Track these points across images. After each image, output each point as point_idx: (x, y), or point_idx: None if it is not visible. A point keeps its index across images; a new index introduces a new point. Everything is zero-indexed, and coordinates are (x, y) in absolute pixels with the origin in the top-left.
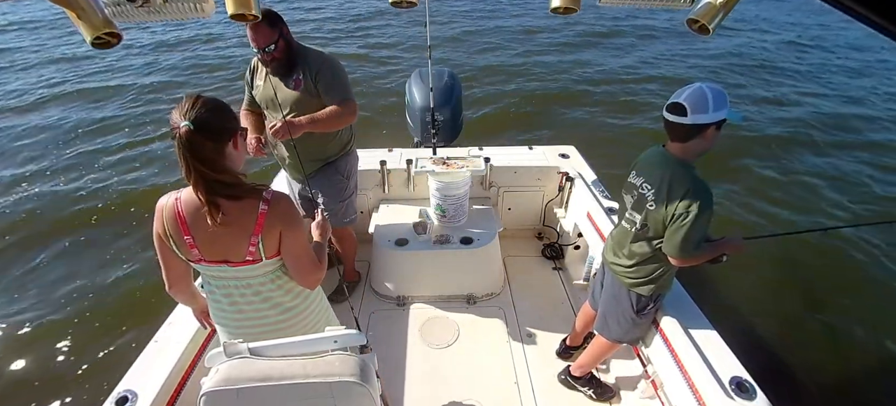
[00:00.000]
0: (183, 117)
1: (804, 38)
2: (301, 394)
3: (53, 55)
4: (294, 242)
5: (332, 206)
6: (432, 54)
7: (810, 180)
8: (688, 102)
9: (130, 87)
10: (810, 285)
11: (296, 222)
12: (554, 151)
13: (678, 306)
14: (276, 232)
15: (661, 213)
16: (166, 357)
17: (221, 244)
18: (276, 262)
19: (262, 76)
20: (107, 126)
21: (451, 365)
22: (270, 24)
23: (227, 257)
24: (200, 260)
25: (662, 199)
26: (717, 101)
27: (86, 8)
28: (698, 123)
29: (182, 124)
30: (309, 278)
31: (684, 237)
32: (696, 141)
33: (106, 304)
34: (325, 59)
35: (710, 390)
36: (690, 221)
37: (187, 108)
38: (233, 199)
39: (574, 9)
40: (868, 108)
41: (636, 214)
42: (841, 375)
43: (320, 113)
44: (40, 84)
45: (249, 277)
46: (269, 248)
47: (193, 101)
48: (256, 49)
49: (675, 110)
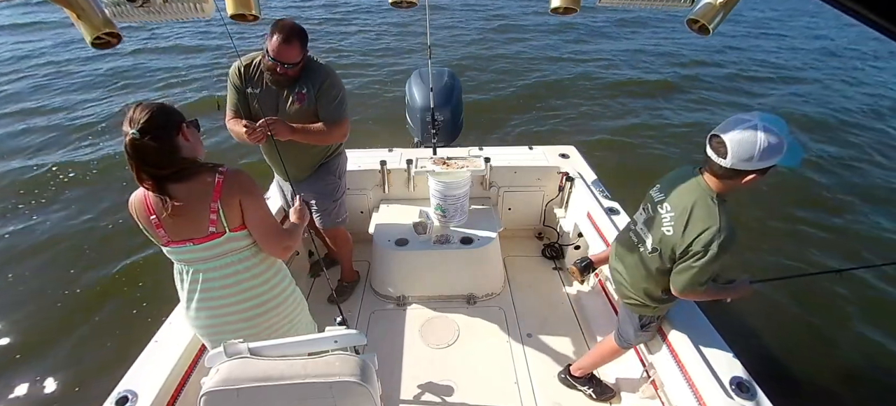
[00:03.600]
0: (130, 126)
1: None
2: (301, 394)
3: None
4: (256, 210)
5: (325, 205)
6: (432, 54)
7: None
8: (731, 145)
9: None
10: (810, 285)
11: (254, 191)
12: (554, 151)
13: (678, 306)
14: (235, 201)
15: (676, 242)
16: (166, 357)
17: (184, 221)
18: (242, 238)
19: (261, 83)
20: (109, 126)
21: (451, 365)
22: (302, 46)
23: (191, 235)
24: (168, 242)
25: (682, 227)
26: (768, 151)
27: (86, 8)
28: (737, 169)
29: (129, 133)
30: (276, 246)
31: (695, 275)
32: (733, 182)
33: (106, 303)
34: (329, 75)
35: (710, 390)
36: (706, 261)
37: (130, 116)
38: (183, 180)
39: (574, 9)
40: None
41: (647, 233)
42: (841, 375)
43: (313, 126)
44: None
45: (216, 257)
46: (231, 219)
47: (134, 109)
48: (275, 59)
49: (717, 149)
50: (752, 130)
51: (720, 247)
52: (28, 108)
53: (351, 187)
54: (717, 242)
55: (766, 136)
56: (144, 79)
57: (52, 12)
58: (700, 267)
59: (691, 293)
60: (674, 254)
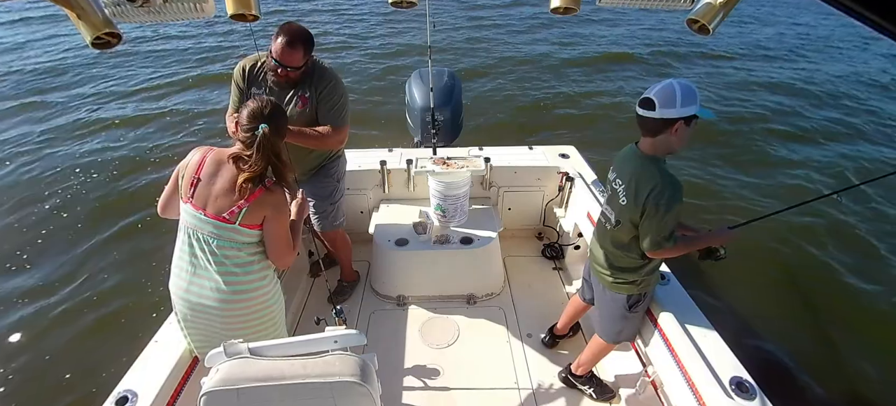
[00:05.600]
0: (264, 121)
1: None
2: (301, 394)
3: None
4: (276, 227)
5: (323, 207)
6: (432, 54)
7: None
8: (657, 97)
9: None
10: (810, 285)
11: (281, 211)
12: (554, 151)
13: (678, 306)
14: (262, 214)
15: (631, 209)
16: (166, 357)
17: (213, 195)
18: (244, 235)
19: (265, 84)
20: (114, 126)
21: (451, 365)
22: (306, 51)
23: (208, 207)
24: (188, 200)
25: (632, 194)
26: (685, 96)
27: (86, 8)
28: (665, 117)
29: (261, 127)
30: (282, 259)
31: (655, 230)
32: (664, 136)
33: (106, 303)
34: (332, 81)
35: (710, 390)
36: (660, 216)
37: (265, 110)
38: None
39: (574, 9)
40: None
41: (611, 211)
42: (841, 375)
43: (309, 130)
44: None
45: (216, 234)
46: (247, 219)
47: (268, 103)
48: (277, 61)
49: (645, 105)
50: (670, 82)
51: (668, 199)
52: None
53: (351, 187)
54: (665, 196)
55: (681, 84)
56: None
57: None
58: (657, 222)
59: (662, 250)
60: (633, 221)
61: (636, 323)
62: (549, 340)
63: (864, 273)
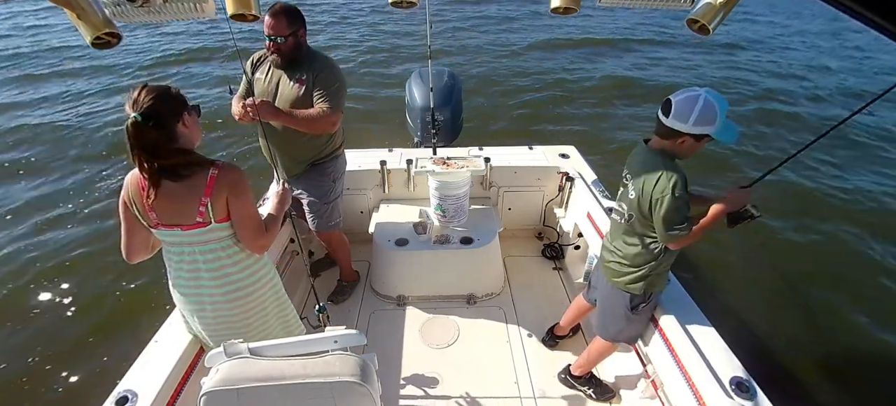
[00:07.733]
0: (132, 109)
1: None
2: (301, 394)
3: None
4: (241, 208)
5: (318, 207)
6: (432, 54)
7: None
8: (675, 105)
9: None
10: (811, 286)
11: (242, 189)
12: (554, 151)
13: (678, 306)
14: (223, 197)
15: (641, 202)
16: (166, 357)
17: (175, 208)
18: (225, 229)
19: (266, 70)
20: (112, 124)
21: (451, 365)
22: (289, 19)
23: (180, 221)
24: (158, 224)
25: (641, 188)
26: (702, 115)
27: (86, 8)
28: (673, 128)
29: (131, 116)
30: (254, 242)
31: (669, 220)
32: (671, 142)
33: (106, 303)
34: (327, 65)
35: (710, 390)
36: (670, 204)
37: (135, 98)
38: (178, 179)
39: (574, 9)
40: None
41: (624, 206)
42: (841, 375)
43: (300, 111)
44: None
45: (201, 242)
46: (217, 211)
47: (139, 91)
48: (267, 34)
49: (663, 106)
50: (696, 96)
51: (674, 187)
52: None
53: (351, 187)
54: (670, 185)
55: (705, 104)
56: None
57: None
58: (667, 212)
59: (679, 240)
60: (645, 213)
61: (637, 326)
62: (549, 341)
63: (864, 273)
